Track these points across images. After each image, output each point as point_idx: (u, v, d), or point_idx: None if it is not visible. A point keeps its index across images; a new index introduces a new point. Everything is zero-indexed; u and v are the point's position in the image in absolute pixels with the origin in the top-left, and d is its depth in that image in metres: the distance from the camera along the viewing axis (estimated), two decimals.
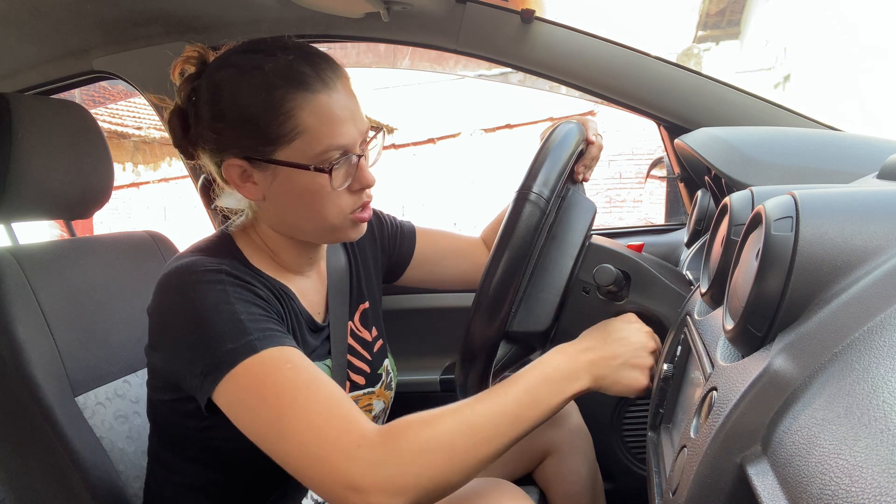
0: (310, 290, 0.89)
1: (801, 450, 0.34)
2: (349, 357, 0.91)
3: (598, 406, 1.39)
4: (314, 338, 0.86)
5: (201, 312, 0.69)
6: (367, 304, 0.99)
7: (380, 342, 0.99)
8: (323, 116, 0.74)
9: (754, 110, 1.23)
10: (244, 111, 0.74)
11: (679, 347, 0.70)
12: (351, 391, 0.90)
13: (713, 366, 0.52)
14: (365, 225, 0.83)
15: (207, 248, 0.80)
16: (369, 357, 0.95)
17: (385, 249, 1.06)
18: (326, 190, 0.76)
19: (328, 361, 0.87)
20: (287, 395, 0.64)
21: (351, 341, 0.93)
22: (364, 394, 0.93)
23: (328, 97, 0.75)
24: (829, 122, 1.18)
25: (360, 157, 0.78)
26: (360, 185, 0.79)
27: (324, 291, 0.92)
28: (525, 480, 1.13)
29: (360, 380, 0.93)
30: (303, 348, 0.77)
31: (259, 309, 0.71)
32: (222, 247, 0.81)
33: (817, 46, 5.92)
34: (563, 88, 1.38)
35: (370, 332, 0.98)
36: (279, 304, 0.79)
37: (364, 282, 1.00)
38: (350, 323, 0.95)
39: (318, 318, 0.89)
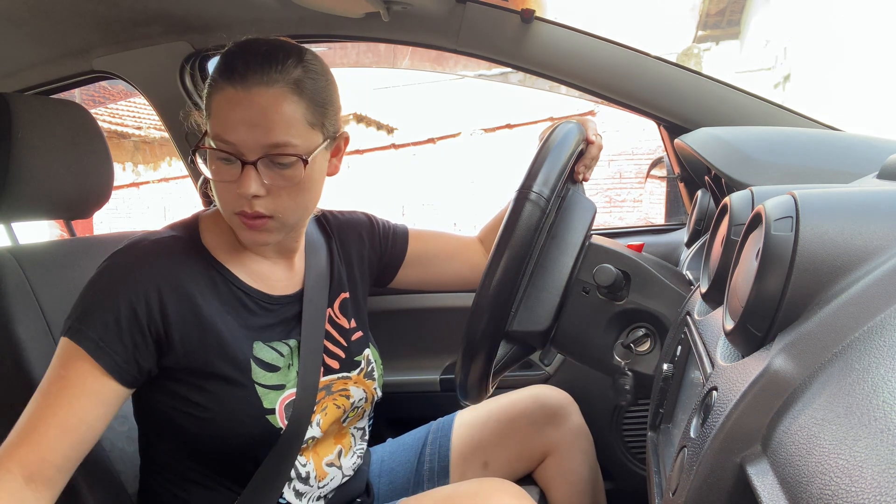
0: (272, 273, 0.91)
1: (801, 450, 0.34)
2: (325, 342, 0.94)
3: (598, 406, 1.39)
4: (269, 315, 0.88)
5: (88, 282, 0.79)
6: (346, 295, 1.01)
7: (359, 333, 1.00)
8: (222, 107, 0.77)
9: (754, 110, 1.23)
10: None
11: (679, 347, 0.70)
12: (325, 374, 0.92)
13: (713, 366, 0.52)
14: (255, 235, 0.82)
15: (172, 224, 0.88)
16: (345, 343, 0.97)
17: (376, 249, 1.08)
18: (214, 177, 0.80)
19: (290, 341, 0.89)
20: (41, 385, 0.75)
21: (328, 327, 0.95)
22: (338, 378, 0.94)
23: (236, 93, 0.76)
24: (829, 122, 1.18)
25: (245, 163, 0.77)
26: (237, 188, 0.78)
27: (295, 278, 0.94)
28: (526, 480, 1.13)
29: (335, 364, 0.94)
30: (243, 323, 0.85)
31: (112, 302, 0.76)
32: (183, 223, 0.88)
33: (817, 46, 5.92)
34: (563, 88, 1.38)
35: (349, 321, 1.00)
36: (209, 282, 0.83)
37: (345, 274, 1.02)
38: (329, 310, 0.97)
39: (279, 295, 0.91)
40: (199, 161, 0.81)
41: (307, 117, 0.79)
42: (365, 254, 1.06)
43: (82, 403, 0.74)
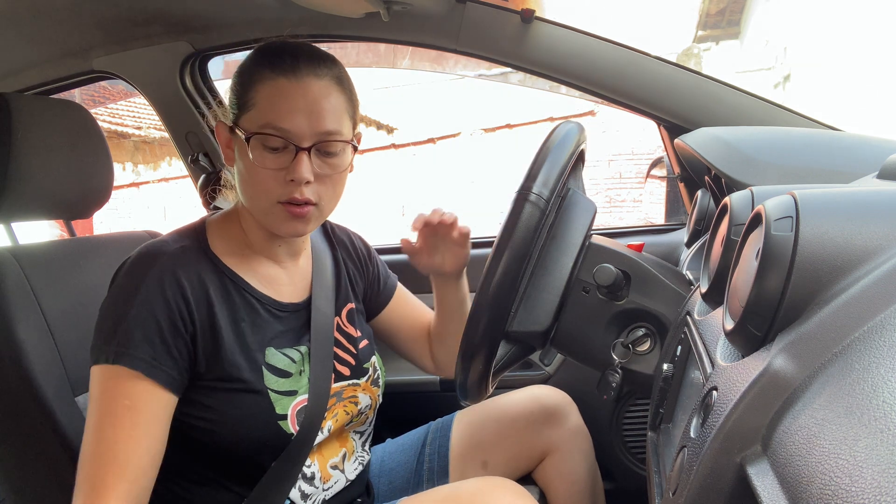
0: (281, 278, 0.92)
1: (801, 450, 0.34)
2: (335, 349, 0.94)
3: (598, 406, 1.39)
4: (279, 322, 0.89)
5: (112, 300, 0.79)
6: (353, 305, 1.03)
7: (365, 341, 1.02)
8: (273, 96, 0.79)
9: (754, 110, 1.23)
10: (235, 76, 0.85)
11: (679, 347, 0.70)
12: (336, 381, 0.93)
13: (713, 366, 0.52)
14: (298, 225, 0.83)
15: (179, 230, 0.88)
16: (354, 351, 0.98)
17: (366, 279, 1.09)
18: (255, 165, 0.80)
19: (301, 348, 0.90)
20: (102, 418, 0.74)
21: (337, 335, 0.96)
22: (349, 384, 0.95)
23: (288, 82, 0.79)
24: (829, 122, 1.18)
25: (299, 149, 0.80)
26: (290, 174, 0.80)
27: (302, 284, 0.95)
28: (525, 480, 1.13)
29: (346, 371, 0.95)
30: (256, 330, 0.85)
31: (152, 318, 0.76)
32: (191, 230, 0.88)
33: (817, 46, 5.92)
34: (563, 88, 1.38)
35: (356, 330, 1.01)
36: (222, 290, 0.84)
37: (349, 287, 1.04)
38: (337, 318, 0.98)
39: (288, 302, 0.91)
40: (247, 146, 0.80)
41: (348, 110, 0.85)
42: (360, 277, 1.07)
43: (155, 424, 0.76)
